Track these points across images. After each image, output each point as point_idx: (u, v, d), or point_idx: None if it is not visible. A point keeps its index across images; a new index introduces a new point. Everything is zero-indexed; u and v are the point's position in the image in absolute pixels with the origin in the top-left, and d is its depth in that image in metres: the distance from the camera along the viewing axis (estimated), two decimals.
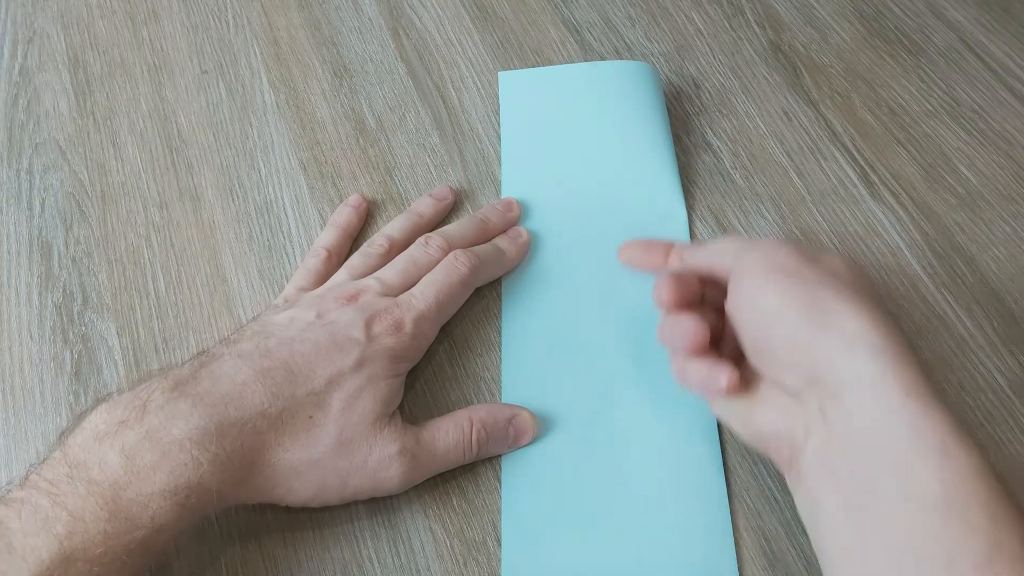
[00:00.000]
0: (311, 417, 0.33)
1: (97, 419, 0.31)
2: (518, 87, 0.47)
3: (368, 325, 0.35)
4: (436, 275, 0.38)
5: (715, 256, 0.35)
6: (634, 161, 0.45)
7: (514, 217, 0.43)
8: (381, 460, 0.34)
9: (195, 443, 0.30)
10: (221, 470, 0.31)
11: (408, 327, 0.36)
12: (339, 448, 0.33)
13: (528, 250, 0.42)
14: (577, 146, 0.45)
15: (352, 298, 0.37)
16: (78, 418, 0.31)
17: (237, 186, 0.46)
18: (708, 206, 0.44)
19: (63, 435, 0.31)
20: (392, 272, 0.39)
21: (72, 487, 0.29)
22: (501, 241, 0.42)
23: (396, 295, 0.37)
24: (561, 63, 0.49)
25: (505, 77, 0.48)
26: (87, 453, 0.30)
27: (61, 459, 0.30)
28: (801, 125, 0.46)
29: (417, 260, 0.39)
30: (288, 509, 0.35)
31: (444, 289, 0.38)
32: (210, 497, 0.31)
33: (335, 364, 0.34)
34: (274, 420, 0.32)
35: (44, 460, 0.30)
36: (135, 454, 0.30)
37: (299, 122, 0.48)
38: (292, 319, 0.35)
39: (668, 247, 0.38)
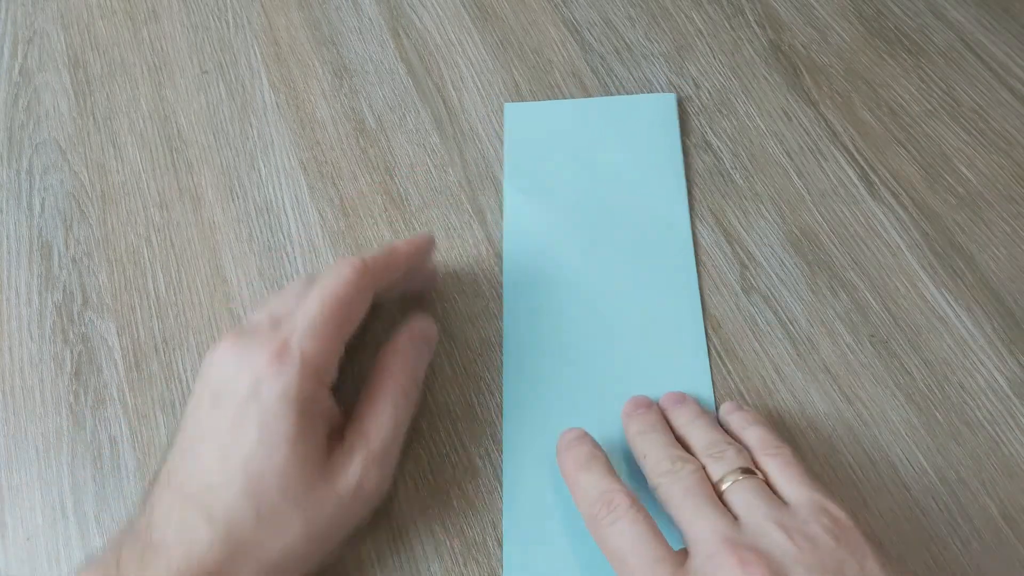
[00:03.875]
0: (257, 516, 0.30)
1: None
2: (523, 118, 0.47)
3: (250, 377, 0.31)
4: (317, 284, 0.34)
5: None
6: (640, 179, 0.45)
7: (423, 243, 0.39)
8: (343, 505, 0.31)
9: None
10: None
11: (293, 351, 0.31)
12: (309, 537, 0.30)
13: (424, 243, 0.39)
14: (582, 167, 0.45)
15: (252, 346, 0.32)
16: None
17: (237, 186, 0.46)
18: (708, 206, 0.44)
19: None
20: (278, 300, 0.34)
21: None
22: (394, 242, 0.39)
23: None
24: (561, 62, 0.49)
25: (510, 108, 0.48)
26: None
27: None
28: (801, 125, 0.46)
29: (311, 278, 0.35)
30: None
31: (328, 293, 0.33)
32: None
33: (239, 456, 0.30)
34: (231, 548, 0.29)
35: None
36: None
37: (299, 122, 0.48)
38: (208, 414, 0.32)
39: None
